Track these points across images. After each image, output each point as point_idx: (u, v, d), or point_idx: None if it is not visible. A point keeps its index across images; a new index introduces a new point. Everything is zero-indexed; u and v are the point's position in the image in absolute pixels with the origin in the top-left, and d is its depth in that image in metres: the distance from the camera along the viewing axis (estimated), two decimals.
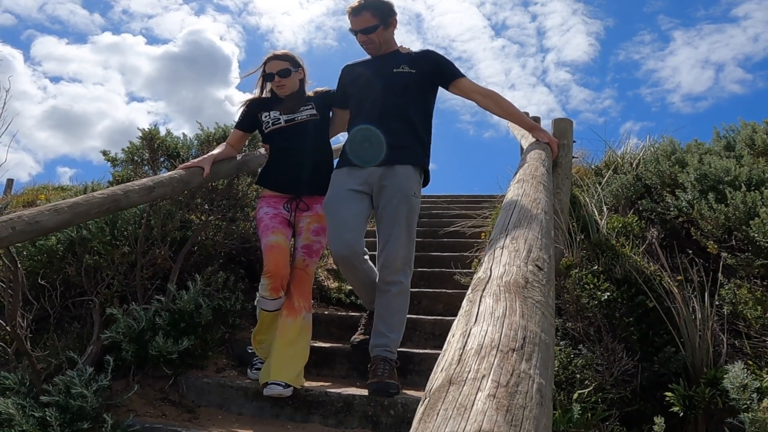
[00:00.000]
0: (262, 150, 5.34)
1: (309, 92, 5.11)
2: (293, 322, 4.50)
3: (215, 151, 5.03)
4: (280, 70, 4.85)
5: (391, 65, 4.67)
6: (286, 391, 4.14)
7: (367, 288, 4.71)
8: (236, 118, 5.24)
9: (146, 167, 6.03)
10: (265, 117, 4.95)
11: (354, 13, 4.60)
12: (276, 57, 4.91)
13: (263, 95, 5.09)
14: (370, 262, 4.67)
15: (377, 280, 4.52)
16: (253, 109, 5.06)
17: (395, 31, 4.80)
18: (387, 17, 4.65)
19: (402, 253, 4.37)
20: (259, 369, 4.55)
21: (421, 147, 4.63)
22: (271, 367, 4.27)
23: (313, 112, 4.93)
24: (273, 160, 4.97)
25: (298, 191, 4.81)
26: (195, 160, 4.91)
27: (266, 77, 4.97)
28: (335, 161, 4.95)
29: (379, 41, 4.68)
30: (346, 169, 4.62)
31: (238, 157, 5.25)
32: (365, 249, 4.59)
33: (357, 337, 4.86)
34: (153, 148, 5.97)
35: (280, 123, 4.89)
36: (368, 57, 4.85)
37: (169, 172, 4.81)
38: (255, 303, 4.83)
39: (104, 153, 6.08)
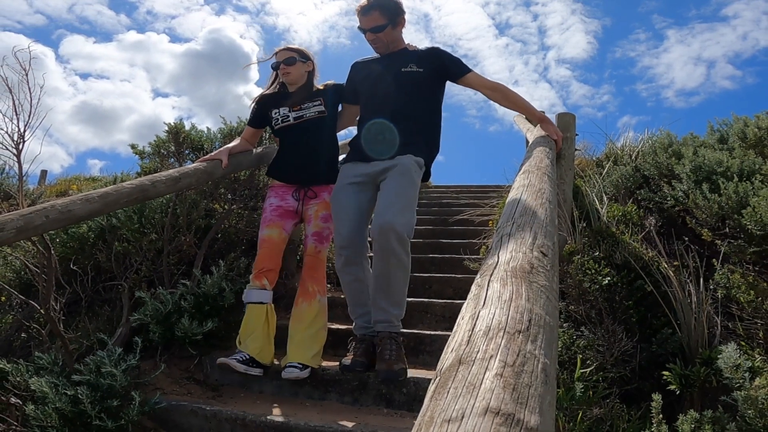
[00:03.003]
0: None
1: (318, 85, 4.93)
2: (309, 306, 4.43)
3: (231, 144, 5.01)
4: (285, 58, 4.77)
5: (399, 64, 4.50)
6: (303, 373, 4.11)
7: (359, 296, 4.41)
8: (248, 115, 5.14)
9: (172, 159, 6.06)
10: (275, 113, 4.83)
11: (363, 12, 4.46)
12: (284, 49, 4.83)
13: (272, 89, 4.99)
14: (370, 269, 4.38)
15: (374, 247, 4.08)
16: (262, 106, 4.95)
17: (404, 29, 4.63)
18: (395, 16, 4.49)
19: (401, 219, 3.97)
20: (237, 359, 4.21)
21: (425, 144, 4.45)
22: (289, 349, 4.28)
23: (321, 108, 4.76)
24: (282, 154, 4.88)
25: (306, 182, 4.71)
26: (212, 154, 4.89)
27: (273, 66, 4.88)
28: (342, 156, 4.85)
29: (387, 40, 4.53)
30: (350, 164, 4.49)
31: (259, 149, 5.23)
32: (367, 245, 4.42)
33: (347, 359, 4.25)
34: (179, 141, 5.99)
35: (289, 120, 4.76)
36: (377, 54, 4.68)
37: (194, 164, 4.81)
38: (243, 298, 4.53)
39: (132, 146, 6.11)
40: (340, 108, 5.01)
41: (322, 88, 4.92)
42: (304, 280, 4.56)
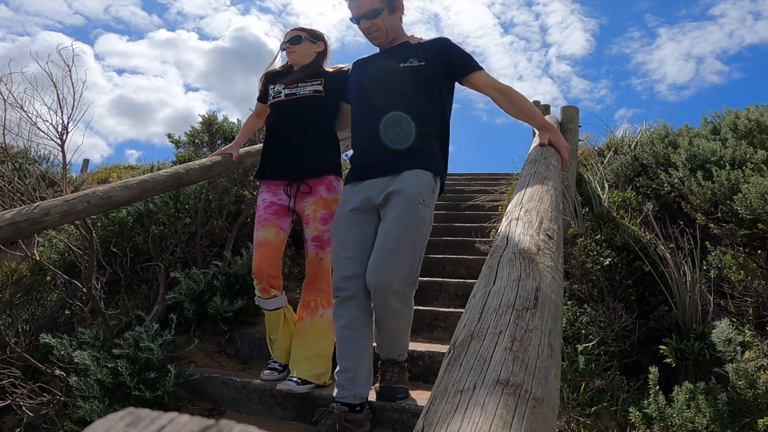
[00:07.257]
0: None
1: (328, 68, 4.14)
2: (311, 323, 3.88)
3: (241, 133, 4.76)
4: (291, 37, 4.05)
5: (398, 59, 3.55)
6: (300, 387, 3.56)
7: (346, 347, 3.41)
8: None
9: (205, 149, 6.09)
10: (271, 89, 4.11)
11: None
12: (294, 28, 4.10)
13: (278, 67, 4.30)
14: (371, 308, 3.43)
15: (372, 301, 3.30)
16: (265, 82, 4.27)
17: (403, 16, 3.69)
18: (392, 0, 3.54)
19: (399, 274, 3.16)
20: (271, 369, 4.00)
21: (433, 151, 3.46)
22: (291, 366, 3.83)
23: (318, 87, 3.98)
24: (268, 139, 4.11)
25: (297, 175, 3.95)
26: (224, 148, 4.77)
27: (281, 47, 4.16)
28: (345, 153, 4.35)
29: (385, 27, 3.54)
30: (348, 186, 3.55)
31: None
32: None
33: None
34: (211, 132, 6.02)
35: (280, 96, 4.03)
36: (377, 51, 3.75)
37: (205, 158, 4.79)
38: (255, 302, 4.09)
39: (169, 135, 6.15)
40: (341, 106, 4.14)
41: (330, 70, 4.13)
42: (305, 292, 4.00)
